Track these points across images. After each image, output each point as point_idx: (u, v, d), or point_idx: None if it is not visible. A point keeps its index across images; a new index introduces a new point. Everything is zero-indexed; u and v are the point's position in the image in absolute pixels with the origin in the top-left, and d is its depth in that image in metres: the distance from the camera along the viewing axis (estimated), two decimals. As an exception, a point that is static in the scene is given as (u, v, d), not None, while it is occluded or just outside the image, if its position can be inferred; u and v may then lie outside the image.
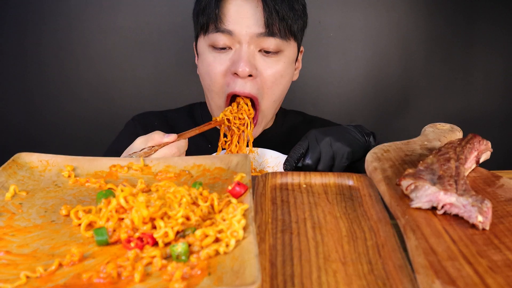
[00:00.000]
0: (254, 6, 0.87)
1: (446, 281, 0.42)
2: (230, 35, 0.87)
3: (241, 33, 0.87)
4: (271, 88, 0.93)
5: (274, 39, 0.88)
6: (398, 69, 1.70)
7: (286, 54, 0.92)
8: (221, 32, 0.87)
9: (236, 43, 0.88)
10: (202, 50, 0.93)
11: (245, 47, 0.88)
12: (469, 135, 0.69)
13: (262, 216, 0.57)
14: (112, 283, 0.43)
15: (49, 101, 1.62)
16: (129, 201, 0.53)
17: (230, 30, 0.87)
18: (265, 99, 0.93)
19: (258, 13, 0.87)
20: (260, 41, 0.88)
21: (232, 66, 0.89)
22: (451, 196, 0.53)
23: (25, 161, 0.67)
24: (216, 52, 0.90)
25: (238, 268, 0.43)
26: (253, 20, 0.87)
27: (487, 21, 1.67)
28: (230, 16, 0.87)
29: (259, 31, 0.87)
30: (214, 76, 0.91)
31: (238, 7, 0.87)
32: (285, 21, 0.88)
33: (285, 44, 0.90)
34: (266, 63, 0.90)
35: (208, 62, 0.91)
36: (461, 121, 1.17)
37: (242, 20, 0.87)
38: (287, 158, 0.79)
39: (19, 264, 0.46)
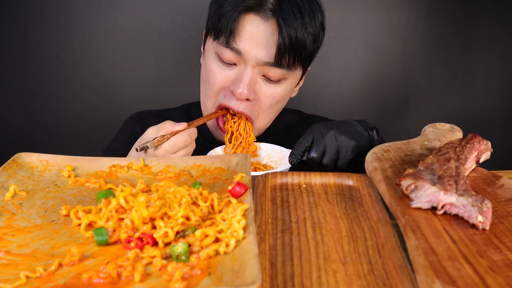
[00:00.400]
0: (269, 32, 0.84)
1: (446, 281, 0.42)
2: (238, 54, 0.85)
3: (249, 57, 0.85)
4: (266, 111, 0.92)
5: (280, 69, 0.86)
6: (398, 69, 1.70)
7: (288, 81, 0.90)
8: (230, 49, 0.85)
9: (242, 62, 0.87)
10: (208, 52, 0.92)
11: (249, 70, 0.86)
12: (469, 135, 0.69)
13: (262, 216, 0.57)
14: (112, 283, 0.43)
15: (49, 101, 1.62)
16: (129, 201, 0.53)
17: (240, 50, 0.85)
18: (259, 120, 0.93)
19: (271, 41, 0.84)
20: (265, 69, 0.86)
21: (232, 84, 0.88)
22: (451, 196, 0.53)
23: (25, 161, 0.67)
24: (221, 63, 0.88)
25: (238, 268, 0.43)
26: (264, 48, 0.84)
27: (487, 21, 1.67)
28: (244, 36, 0.84)
29: (267, 61, 0.85)
30: (213, 85, 0.90)
31: (253, 28, 0.84)
32: (297, 52, 0.85)
33: (290, 73, 0.89)
34: (266, 89, 0.89)
35: (211, 69, 0.90)
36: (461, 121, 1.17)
37: (254, 44, 0.84)
38: (293, 151, 0.79)
39: (19, 264, 0.46)
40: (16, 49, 1.56)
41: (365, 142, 0.81)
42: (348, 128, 0.82)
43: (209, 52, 0.91)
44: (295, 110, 1.14)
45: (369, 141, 0.83)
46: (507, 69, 1.73)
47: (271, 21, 0.83)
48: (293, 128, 1.08)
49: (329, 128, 0.80)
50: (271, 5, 0.83)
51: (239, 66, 0.87)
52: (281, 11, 0.82)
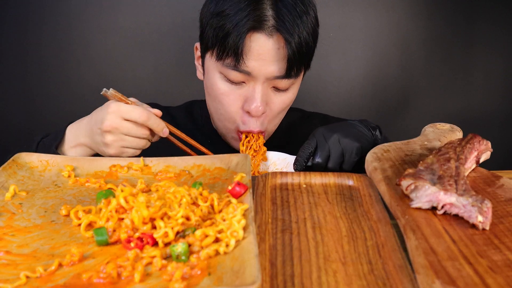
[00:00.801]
0: (275, 48, 0.82)
1: (446, 281, 0.42)
2: (247, 74, 0.84)
3: (259, 75, 0.83)
4: (277, 117, 0.93)
5: (289, 80, 0.86)
6: (398, 69, 1.70)
7: (295, 85, 0.91)
8: (238, 71, 0.83)
9: (251, 80, 0.85)
10: (211, 70, 0.88)
11: (259, 86, 0.85)
12: (469, 135, 0.69)
13: (262, 216, 0.57)
14: (112, 283, 0.43)
15: (49, 101, 1.62)
16: (129, 201, 0.53)
17: (249, 71, 0.83)
18: (270, 128, 0.94)
19: (279, 55, 0.82)
20: (274, 82, 0.85)
21: (246, 103, 0.87)
22: (451, 196, 0.53)
23: (25, 161, 0.67)
24: (229, 83, 0.86)
25: (238, 268, 0.43)
26: (273, 64, 0.83)
27: (487, 21, 1.67)
28: (251, 57, 0.82)
29: (278, 75, 0.84)
30: (228, 107, 0.89)
31: (260, 47, 0.82)
32: (305, 58, 0.85)
33: (298, 79, 0.89)
34: (276, 98, 0.89)
35: (220, 91, 0.88)
36: (461, 121, 1.17)
37: (262, 62, 0.82)
38: (297, 158, 0.79)
39: (19, 264, 0.46)
40: (16, 49, 1.56)
41: (369, 143, 0.81)
42: (351, 129, 0.81)
43: (213, 71, 0.88)
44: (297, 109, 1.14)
45: (372, 141, 0.82)
46: (507, 69, 1.73)
47: (275, 36, 0.82)
48: (295, 126, 1.08)
49: (332, 132, 0.80)
50: (273, 19, 0.81)
51: (248, 83, 0.86)
52: (283, 23, 0.81)
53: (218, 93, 0.88)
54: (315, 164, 0.78)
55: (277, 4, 0.82)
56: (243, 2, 0.81)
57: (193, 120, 1.06)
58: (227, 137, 0.97)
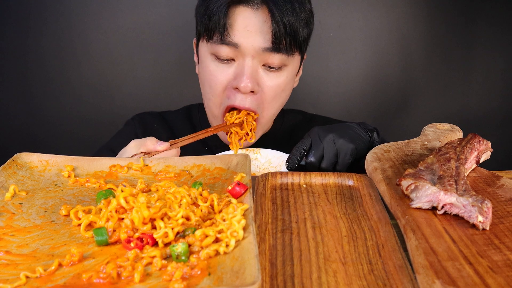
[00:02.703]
0: (262, 20, 0.84)
1: (446, 281, 0.42)
2: (235, 47, 0.85)
3: (246, 47, 0.84)
4: (271, 103, 0.92)
5: (280, 54, 0.86)
6: (398, 69, 1.70)
7: (289, 68, 0.90)
8: (226, 45, 0.85)
9: (240, 56, 0.86)
10: (204, 55, 0.91)
11: (249, 61, 0.85)
12: (469, 135, 0.69)
13: (262, 216, 0.57)
14: (112, 283, 0.43)
15: (49, 101, 1.62)
16: (129, 201, 0.53)
17: (236, 43, 0.84)
18: (264, 113, 0.92)
19: (266, 27, 0.84)
20: (264, 56, 0.86)
21: (234, 80, 0.87)
22: (451, 196, 0.53)
23: (25, 161, 0.67)
24: (219, 62, 0.88)
25: (238, 268, 0.43)
26: (260, 35, 0.84)
27: (487, 21, 1.67)
28: (237, 29, 0.84)
29: (265, 46, 0.85)
30: (215, 87, 0.89)
31: (245, 19, 0.84)
32: (292, 35, 0.85)
33: (290, 59, 0.89)
34: (269, 78, 0.88)
35: (210, 71, 0.89)
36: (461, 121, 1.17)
37: (249, 34, 0.84)
38: (290, 156, 0.79)
39: (19, 264, 0.46)
40: (16, 49, 1.56)
41: (365, 145, 0.81)
42: (347, 131, 0.81)
43: (205, 55, 0.90)
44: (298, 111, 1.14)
45: (369, 144, 0.82)
46: (507, 69, 1.73)
47: (261, 9, 0.84)
48: (296, 128, 1.08)
49: (328, 132, 0.80)
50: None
51: (238, 60, 0.87)
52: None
53: (208, 73, 0.89)
54: (308, 163, 0.78)
55: None
56: None
57: (191, 124, 1.06)
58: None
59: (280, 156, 0.91)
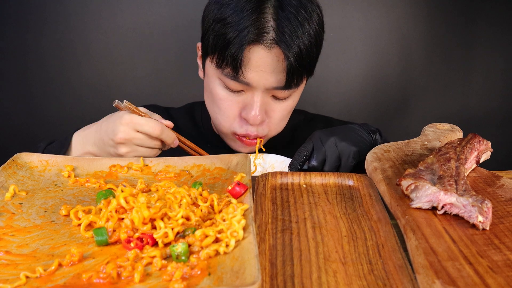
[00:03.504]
0: (276, 60, 0.81)
1: (446, 281, 0.42)
2: (246, 85, 0.83)
3: (258, 85, 0.83)
4: (278, 124, 0.92)
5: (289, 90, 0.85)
6: (398, 69, 1.70)
7: (297, 93, 0.90)
8: (237, 81, 0.83)
9: (249, 90, 0.85)
10: (211, 76, 0.88)
11: (259, 95, 0.84)
12: (469, 135, 0.69)
13: (262, 216, 0.57)
14: (112, 283, 0.43)
15: (49, 101, 1.62)
16: (129, 201, 0.53)
17: (248, 82, 0.82)
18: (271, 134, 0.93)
19: (279, 67, 0.82)
20: (275, 91, 0.85)
21: (244, 110, 0.86)
22: (451, 196, 0.53)
23: (25, 161, 0.67)
24: (228, 90, 0.86)
25: (238, 268, 0.43)
26: (272, 75, 0.82)
27: (487, 21, 1.67)
28: (250, 68, 0.81)
29: (278, 86, 0.83)
30: (225, 113, 0.88)
31: (259, 59, 0.81)
32: (305, 68, 0.84)
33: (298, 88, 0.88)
34: (277, 106, 0.88)
35: (219, 97, 0.87)
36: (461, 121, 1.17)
37: (261, 73, 0.82)
38: (292, 161, 0.78)
39: (19, 264, 0.46)
40: (16, 49, 1.56)
41: (367, 147, 0.80)
42: (349, 133, 0.81)
43: (212, 77, 0.88)
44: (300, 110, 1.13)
45: (371, 145, 0.81)
46: (507, 69, 1.73)
47: (275, 48, 0.81)
48: (298, 128, 1.07)
49: (329, 135, 0.79)
50: (273, 31, 0.80)
51: (247, 92, 0.85)
52: (283, 36, 0.80)
53: (216, 98, 0.88)
54: (311, 168, 0.78)
55: (279, 14, 0.80)
56: (245, 10, 0.80)
57: (194, 122, 1.06)
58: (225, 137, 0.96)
59: (283, 160, 0.91)
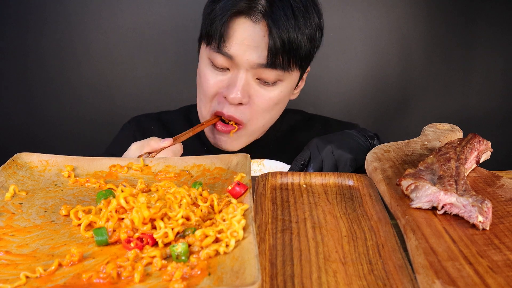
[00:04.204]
0: (261, 35, 0.82)
1: (446, 281, 0.42)
2: (229, 58, 0.84)
3: (241, 61, 0.83)
4: (262, 114, 0.90)
5: (275, 70, 0.84)
6: (398, 69, 1.70)
7: (284, 83, 0.88)
8: (221, 54, 0.84)
9: (234, 67, 0.85)
10: (202, 57, 0.91)
11: (242, 74, 0.84)
12: (469, 135, 0.69)
13: (262, 216, 0.57)
14: (112, 283, 0.43)
15: (49, 101, 1.62)
16: (129, 201, 0.53)
17: (231, 55, 0.83)
18: (253, 123, 0.91)
19: (263, 43, 0.82)
20: (259, 71, 0.84)
21: (225, 89, 0.86)
22: (451, 196, 0.53)
23: (25, 161, 0.67)
24: (214, 68, 0.87)
25: (238, 268, 0.43)
26: (256, 50, 0.82)
27: (487, 21, 1.67)
28: (234, 40, 0.82)
29: (260, 62, 0.83)
30: (207, 91, 0.89)
31: (244, 31, 0.82)
32: (291, 52, 0.83)
33: (286, 74, 0.87)
34: (261, 92, 0.87)
35: (205, 75, 0.88)
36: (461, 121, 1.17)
37: (245, 47, 0.82)
38: (289, 170, 0.79)
39: (19, 264, 0.46)
40: (16, 49, 1.56)
41: (364, 154, 0.79)
42: (346, 140, 0.80)
43: (203, 57, 0.90)
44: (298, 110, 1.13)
45: (369, 151, 0.82)
46: (507, 69, 1.73)
47: (261, 23, 0.81)
48: (295, 128, 1.07)
49: (326, 143, 0.79)
50: (262, 8, 0.81)
51: (232, 70, 0.86)
52: (271, 13, 0.81)
53: (202, 77, 0.89)
54: None
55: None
56: None
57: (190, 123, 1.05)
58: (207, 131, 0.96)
59: (282, 167, 0.91)
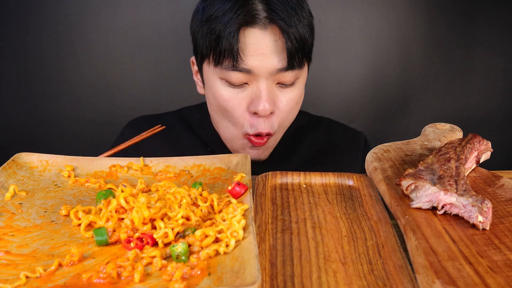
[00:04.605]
0: (273, 40, 0.79)
1: (446, 281, 0.42)
2: (247, 73, 0.81)
3: (260, 71, 0.80)
4: (287, 117, 0.89)
5: (292, 71, 0.82)
6: (398, 69, 1.70)
7: (301, 80, 0.87)
8: (238, 71, 0.80)
9: (253, 79, 0.82)
10: (212, 80, 0.85)
11: (263, 84, 0.81)
12: (469, 135, 0.69)
13: (262, 216, 0.57)
14: (112, 283, 0.43)
15: (49, 101, 1.62)
16: (129, 201, 0.53)
17: (249, 69, 0.80)
18: (281, 128, 0.90)
19: (278, 47, 0.80)
20: (278, 76, 0.82)
21: (251, 104, 0.83)
22: (451, 196, 0.53)
23: (24, 161, 0.67)
24: (231, 87, 0.83)
25: (238, 268, 0.43)
26: (273, 56, 0.80)
27: (487, 21, 1.67)
28: (249, 53, 0.79)
29: (280, 67, 0.81)
30: (232, 114, 0.85)
31: (256, 41, 0.79)
32: (304, 50, 0.82)
33: (301, 72, 0.85)
34: (284, 95, 0.85)
35: (223, 98, 0.84)
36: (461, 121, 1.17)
37: (261, 57, 0.79)
38: None
39: (19, 264, 0.46)
40: (16, 49, 1.56)
41: None
42: None
43: (213, 80, 0.85)
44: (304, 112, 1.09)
45: None
46: (507, 69, 1.73)
47: (270, 28, 0.80)
48: (300, 130, 1.05)
49: None
50: (265, 12, 0.79)
51: (251, 83, 0.83)
52: (276, 14, 0.79)
53: (221, 100, 0.85)
54: None
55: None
56: (230, 1, 0.79)
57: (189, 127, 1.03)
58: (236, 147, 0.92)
59: None
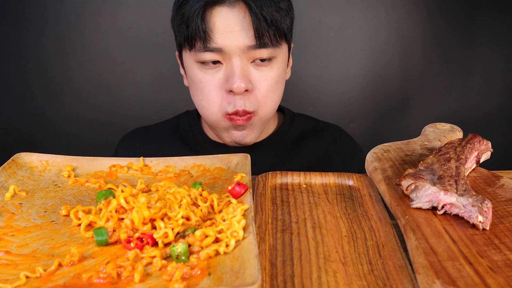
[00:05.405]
0: (241, 17, 0.81)
1: (446, 281, 0.42)
2: (219, 52, 0.82)
3: (231, 48, 0.82)
4: (268, 96, 0.89)
5: (266, 49, 0.83)
6: (398, 69, 1.70)
7: (278, 59, 0.87)
8: (209, 51, 0.82)
9: (226, 58, 0.83)
10: (189, 65, 0.88)
11: (236, 61, 0.83)
12: (469, 135, 0.69)
13: (262, 216, 0.57)
14: (112, 283, 0.43)
15: (49, 101, 1.62)
16: (129, 201, 0.53)
17: (219, 47, 0.82)
18: (263, 108, 0.89)
19: (246, 24, 0.81)
20: (251, 53, 0.83)
21: (226, 82, 0.84)
22: (451, 196, 0.53)
23: (24, 161, 0.67)
24: (206, 68, 0.85)
25: (238, 268, 0.43)
26: (242, 33, 0.81)
27: (487, 21, 1.67)
28: (217, 31, 0.81)
29: (250, 44, 0.82)
30: (209, 95, 0.87)
31: (224, 20, 0.81)
32: (274, 26, 0.83)
33: (277, 50, 0.86)
34: (260, 73, 0.86)
35: (199, 79, 0.86)
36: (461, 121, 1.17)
37: (230, 34, 0.81)
38: None
39: (18, 264, 0.46)
40: (16, 49, 1.56)
41: None
42: None
43: (190, 64, 0.87)
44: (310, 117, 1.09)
45: None
46: (507, 69, 1.73)
47: (238, 6, 0.81)
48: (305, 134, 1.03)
49: None
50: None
51: (225, 62, 0.84)
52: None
53: (198, 83, 0.87)
54: None
55: None
56: None
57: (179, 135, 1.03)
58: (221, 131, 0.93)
59: None
